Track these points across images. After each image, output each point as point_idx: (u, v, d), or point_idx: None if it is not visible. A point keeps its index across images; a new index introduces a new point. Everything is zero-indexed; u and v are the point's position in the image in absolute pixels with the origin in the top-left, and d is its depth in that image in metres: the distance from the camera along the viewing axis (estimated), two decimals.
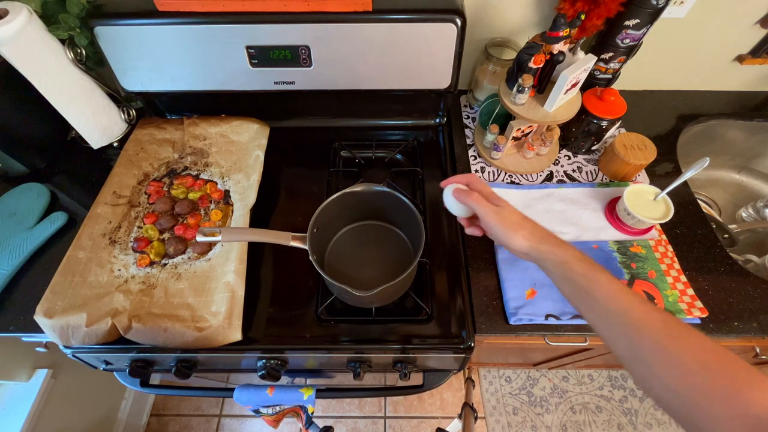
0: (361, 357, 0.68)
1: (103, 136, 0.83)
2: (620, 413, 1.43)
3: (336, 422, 1.43)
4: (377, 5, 0.67)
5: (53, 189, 0.81)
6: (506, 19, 0.83)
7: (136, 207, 0.74)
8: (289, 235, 0.58)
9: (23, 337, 0.70)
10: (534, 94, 0.71)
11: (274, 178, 0.82)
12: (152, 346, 0.62)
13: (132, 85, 0.79)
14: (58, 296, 0.62)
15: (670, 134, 0.90)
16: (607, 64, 0.78)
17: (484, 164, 0.85)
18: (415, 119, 0.91)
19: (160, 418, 1.44)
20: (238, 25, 0.68)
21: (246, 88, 0.78)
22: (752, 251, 0.94)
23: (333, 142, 0.88)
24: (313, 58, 0.73)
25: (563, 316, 0.65)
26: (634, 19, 0.69)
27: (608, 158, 0.81)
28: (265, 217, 0.77)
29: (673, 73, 0.95)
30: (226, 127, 0.83)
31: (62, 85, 0.72)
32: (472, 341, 0.64)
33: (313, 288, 0.69)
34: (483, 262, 0.72)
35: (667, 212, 0.69)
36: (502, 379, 1.51)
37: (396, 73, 0.76)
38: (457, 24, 0.68)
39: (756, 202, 0.99)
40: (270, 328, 0.66)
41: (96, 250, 0.68)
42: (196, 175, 0.79)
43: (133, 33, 0.70)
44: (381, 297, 0.63)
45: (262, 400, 0.76)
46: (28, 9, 0.65)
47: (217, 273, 0.66)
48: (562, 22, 0.61)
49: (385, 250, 0.71)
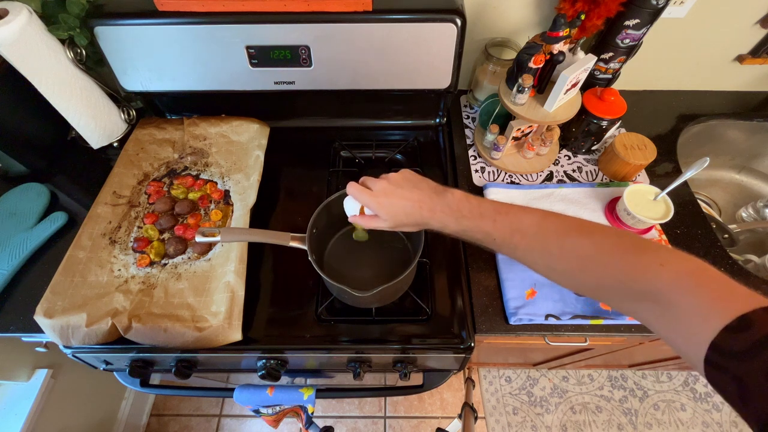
0: (361, 357, 0.68)
1: (103, 136, 0.83)
2: (620, 413, 1.43)
3: (336, 422, 1.43)
4: (377, 5, 0.67)
5: (53, 189, 0.81)
6: (506, 19, 0.83)
7: (136, 207, 0.74)
8: (288, 235, 0.58)
9: (23, 337, 0.70)
10: (534, 94, 0.71)
11: (275, 178, 0.82)
12: (152, 346, 0.62)
13: (132, 85, 0.79)
14: (58, 296, 0.62)
15: (670, 134, 0.90)
16: (607, 64, 0.78)
17: (484, 164, 0.85)
18: (415, 119, 0.91)
19: (160, 418, 1.44)
20: (238, 25, 0.68)
21: (246, 88, 0.78)
22: (752, 251, 0.94)
23: (333, 142, 0.88)
24: (313, 58, 0.73)
25: (563, 316, 0.65)
26: (634, 19, 0.69)
27: (608, 158, 0.81)
28: (266, 217, 0.77)
29: (673, 73, 0.95)
30: (226, 127, 0.83)
31: (62, 85, 0.72)
32: (472, 341, 0.64)
33: (313, 288, 0.69)
34: (483, 262, 0.72)
35: (667, 212, 0.69)
36: (502, 379, 1.51)
37: (396, 73, 0.76)
38: (457, 24, 0.68)
39: (756, 202, 0.99)
40: (270, 328, 0.66)
41: (96, 250, 0.68)
42: (196, 175, 0.79)
43: (133, 33, 0.70)
44: (380, 297, 0.63)
45: (262, 400, 0.76)
46: (28, 9, 0.65)
47: (217, 273, 0.66)
48: (562, 22, 0.61)
49: (384, 251, 0.70)
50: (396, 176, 0.50)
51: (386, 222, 0.50)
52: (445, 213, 0.47)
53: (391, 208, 0.48)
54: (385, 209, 0.48)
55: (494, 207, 0.46)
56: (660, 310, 0.34)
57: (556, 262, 0.41)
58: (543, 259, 0.43)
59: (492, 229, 0.44)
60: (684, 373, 1.50)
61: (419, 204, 0.47)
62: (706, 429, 1.39)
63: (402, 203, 0.48)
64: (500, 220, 0.44)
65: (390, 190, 0.49)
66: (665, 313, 0.33)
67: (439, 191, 0.48)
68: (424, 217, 0.47)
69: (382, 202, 0.48)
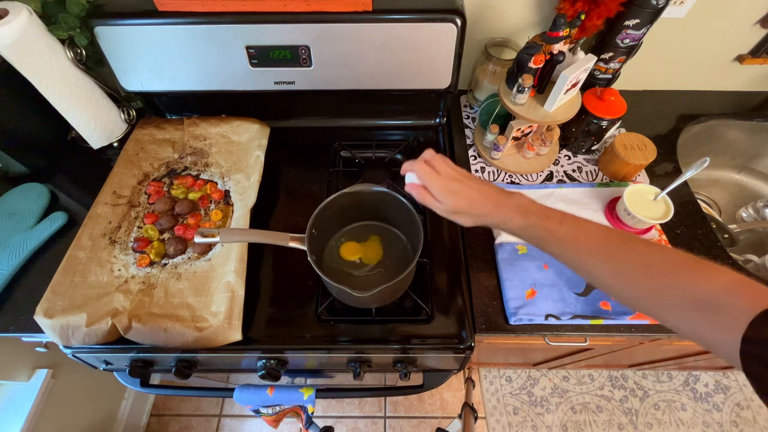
0: (361, 357, 0.68)
1: (103, 136, 0.83)
2: (620, 413, 1.43)
3: (336, 422, 1.43)
4: (377, 5, 0.67)
5: (53, 189, 0.81)
6: (506, 19, 0.83)
7: (136, 207, 0.74)
8: (287, 235, 0.58)
9: (23, 337, 0.70)
10: (534, 94, 0.71)
11: (275, 178, 0.82)
12: (152, 346, 0.62)
13: (132, 85, 0.79)
14: (58, 296, 0.62)
15: (670, 134, 0.90)
16: (607, 64, 0.78)
17: (484, 164, 0.85)
18: (415, 119, 0.91)
19: (160, 418, 1.44)
20: (238, 25, 0.68)
21: (246, 88, 0.78)
22: (752, 251, 0.94)
23: (333, 142, 0.88)
24: (313, 58, 0.73)
25: (563, 316, 0.65)
26: (634, 19, 0.69)
27: (608, 158, 0.81)
28: (266, 217, 0.77)
29: (673, 73, 0.95)
30: (226, 128, 0.83)
31: (62, 85, 0.72)
32: (472, 341, 0.64)
33: (313, 288, 0.69)
34: (483, 262, 0.72)
35: (667, 212, 0.69)
36: (503, 379, 1.51)
37: (396, 73, 0.76)
38: (457, 24, 0.68)
39: (756, 202, 0.99)
40: (270, 328, 0.66)
41: (96, 250, 0.68)
42: (196, 175, 0.79)
43: (133, 33, 0.70)
44: (380, 297, 0.63)
45: (262, 400, 0.76)
46: (28, 9, 0.65)
47: (217, 273, 0.66)
48: (562, 22, 0.61)
49: (384, 251, 0.70)
50: (455, 166, 0.51)
51: (444, 206, 0.50)
52: (512, 209, 0.48)
53: (457, 196, 0.49)
54: (452, 195, 0.49)
55: (561, 212, 0.48)
56: (711, 317, 0.35)
57: (619, 265, 0.43)
58: (606, 263, 0.44)
59: (558, 227, 0.46)
60: (684, 373, 1.50)
61: (486, 197, 0.49)
62: (706, 429, 1.39)
63: (470, 193, 0.49)
64: (567, 222, 0.46)
65: (459, 177, 0.50)
66: (715, 318, 0.35)
67: (507, 192, 0.50)
68: (488, 209, 0.48)
69: (450, 187, 0.49)
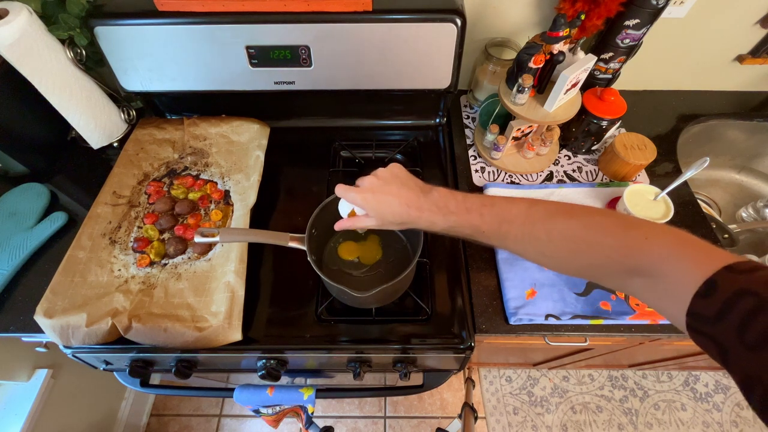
0: (361, 357, 0.68)
1: (103, 136, 0.83)
2: (620, 413, 1.43)
3: (336, 422, 1.43)
4: (377, 5, 0.67)
5: (53, 189, 0.81)
6: (506, 19, 0.83)
7: (136, 207, 0.74)
8: (287, 235, 0.58)
9: (23, 337, 0.70)
10: (534, 94, 0.71)
11: (275, 178, 0.82)
12: (152, 346, 0.62)
13: (132, 85, 0.79)
14: (58, 296, 0.62)
15: (670, 134, 0.90)
16: (607, 64, 0.78)
17: (484, 164, 0.85)
18: (415, 119, 0.91)
19: (160, 418, 1.44)
20: (238, 25, 0.68)
21: (246, 88, 0.78)
22: (752, 251, 0.94)
23: (333, 142, 0.88)
24: (313, 58, 0.73)
25: (563, 316, 0.65)
26: (634, 19, 0.69)
27: (608, 158, 0.81)
28: (266, 217, 0.77)
29: (673, 73, 0.95)
30: (226, 128, 0.83)
31: (62, 85, 0.72)
32: (472, 341, 0.64)
33: (313, 288, 0.69)
34: (483, 262, 0.72)
35: (667, 212, 0.69)
36: (503, 379, 1.51)
37: (396, 73, 0.76)
38: (457, 24, 0.68)
39: (756, 202, 0.99)
40: (270, 328, 0.66)
41: (96, 250, 0.68)
42: (196, 175, 0.79)
43: (133, 33, 0.70)
44: (379, 298, 0.63)
45: (262, 400, 0.76)
46: (28, 9, 0.65)
47: (217, 273, 0.66)
48: (562, 22, 0.61)
49: (384, 251, 0.70)
50: (384, 172, 0.49)
51: (373, 220, 0.49)
52: (432, 211, 0.46)
53: (378, 206, 0.47)
54: (372, 206, 0.47)
55: (480, 200, 0.46)
56: (650, 283, 0.35)
57: (546, 246, 0.42)
58: (533, 246, 0.43)
59: (480, 222, 0.44)
60: (684, 373, 1.50)
61: (407, 203, 0.46)
62: (706, 429, 1.39)
63: (389, 200, 0.47)
64: (487, 213, 0.44)
65: (377, 186, 0.48)
66: (655, 286, 0.34)
67: (426, 190, 0.48)
68: (412, 216, 0.47)
69: (369, 198, 0.47)
